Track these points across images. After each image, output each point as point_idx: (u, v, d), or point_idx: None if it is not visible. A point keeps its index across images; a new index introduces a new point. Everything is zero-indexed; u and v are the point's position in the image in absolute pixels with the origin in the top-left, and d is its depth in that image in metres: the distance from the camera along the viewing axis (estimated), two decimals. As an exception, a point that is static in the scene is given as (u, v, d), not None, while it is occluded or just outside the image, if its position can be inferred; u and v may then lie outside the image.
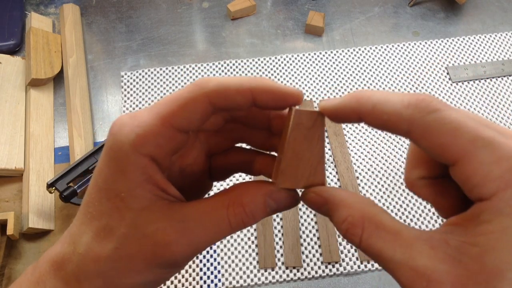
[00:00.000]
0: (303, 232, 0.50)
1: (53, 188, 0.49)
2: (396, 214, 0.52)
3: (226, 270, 0.48)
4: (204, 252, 0.49)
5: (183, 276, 0.48)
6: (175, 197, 0.20)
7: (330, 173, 0.54)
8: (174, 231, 0.19)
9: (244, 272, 0.48)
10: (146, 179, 0.19)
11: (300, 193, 0.22)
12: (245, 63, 0.62)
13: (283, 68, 0.62)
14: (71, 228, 0.21)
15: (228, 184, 0.52)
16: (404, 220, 0.51)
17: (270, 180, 0.22)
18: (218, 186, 0.52)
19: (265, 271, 0.48)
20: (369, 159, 0.55)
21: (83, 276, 0.19)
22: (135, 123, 0.19)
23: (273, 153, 0.24)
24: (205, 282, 0.47)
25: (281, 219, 0.51)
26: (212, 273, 0.48)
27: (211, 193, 0.33)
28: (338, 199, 0.19)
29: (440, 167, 0.20)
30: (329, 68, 0.62)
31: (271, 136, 0.24)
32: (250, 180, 0.19)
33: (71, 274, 0.19)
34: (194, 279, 0.48)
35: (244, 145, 0.25)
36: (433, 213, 0.51)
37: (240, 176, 0.52)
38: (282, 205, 0.21)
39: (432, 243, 0.16)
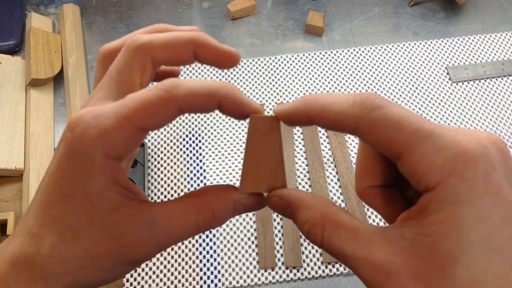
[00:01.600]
0: (303, 232, 0.50)
1: (53, 188, 0.49)
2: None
3: (226, 270, 0.48)
4: (204, 252, 0.49)
5: (183, 276, 0.48)
6: (139, 195, 0.21)
7: (330, 173, 0.54)
8: (142, 234, 0.19)
9: (244, 272, 0.48)
10: (113, 181, 0.19)
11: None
12: (245, 63, 0.62)
13: (283, 68, 0.62)
14: (29, 227, 0.20)
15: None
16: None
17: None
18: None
19: (265, 271, 0.48)
20: (369, 159, 0.55)
21: (50, 276, 0.19)
22: (102, 126, 0.18)
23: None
24: (205, 282, 0.47)
25: (281, 219, 0.51)
26: (212, 273, 0.48)
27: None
28: (299, 201, 0.20)
29: (388, 176, 0.21)
30: (329, 68, 0.62)
31: None
32: (218, 184, 0.20)
33: (36, 274, 0.19)
34: (194, 279, 0.48)
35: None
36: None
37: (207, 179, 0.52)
38: (249, 209, 0.22)
39: (387, 237, 0.17)
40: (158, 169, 0.54)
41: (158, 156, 0.55)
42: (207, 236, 0.50)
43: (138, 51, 0.21)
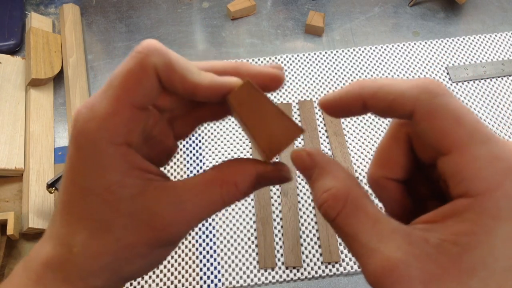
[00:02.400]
0: (303, 232, 0.50)
1: (53, 188, 0.49)
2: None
3: (226, 270, 0.48)
4: (204, 252, 0.49)
5: (183, 276, 0.48)
6: (159, 175, 0.20)
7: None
8: (170, 214, 0.19)
9: (244, 272, 0.48)
10: (130, 166, 0.19)
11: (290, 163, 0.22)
12: (245, 63, 0.62)
13: (283, 68, 0.62)
14: (57, 230, 0.20)
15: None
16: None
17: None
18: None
19: (265, 271, 0.48)
20: (369, 159, 0.55)
21: (88, 274, 0.19)
22: (98, 115, 0.18)
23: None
24: (205, 282, 0.47)
25: (281, 219, 0.51)
26: (212, 273, 0.48)
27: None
28: (329, 166, 0.19)
29: (408, 171, 0.20)
30: (329, 68, 0.62)
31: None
32: (239, 157, 0.20)
33: (73, 274, 0.19)
34: (194, 279, 0.48)
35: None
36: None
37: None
38: (273, 180, 0.21)
39: (410, 239, 0.16)
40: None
41: (158, 156, 0.55)
42: (207, 236, 0.50)
43: (138, 55, 0.20)
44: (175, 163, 0.55)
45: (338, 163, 0.19)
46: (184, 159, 0.55)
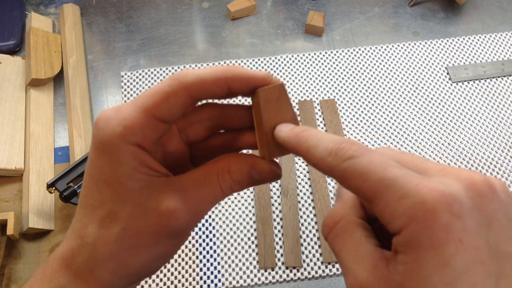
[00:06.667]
0: (303, 232, 0.50)
1: (53, 188, 0.49)
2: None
3: (226, 270, 0.48)
4: (204, 252, 0.49)
5: (183, 276, 0.48)
6: (167, 175, 0.22)
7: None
8: (175, 201, 0.21)
9: (244, 272, 0.48)
10: (140, 163, 0.21)
11: (280, 165, 0.24)
12: (245, 63, 0.62)
13: (283, 68, 0.62)
14: (73, 225, 0.22)
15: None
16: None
17: (256, 154, 0.24)
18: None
19: (265, 271, 0.48)
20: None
21: (95, 264, 0.20)
22: (121, 116, 0.20)
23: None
24: (205, 282, 0.47)
25: (281, 219, 0.51)
26: (212, 273, 0.48)
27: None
28: (340, 194, 0.22)
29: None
30: (329, 68, 0.62)
31: (247, 111, 0.25)
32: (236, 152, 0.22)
33: (82, 266, 0.21)
34: (194, 279, 0.48)
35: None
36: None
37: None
38: (265, 177, 0.23)
39: (377, 263, 0.18)
40: (158, 169, 0.54)
41: (158, 156, 0.55)
42: (207, 236, 0.50)
43: (174, 81, 0.22)
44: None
45: (349, 192, 0.21)
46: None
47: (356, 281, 0.18)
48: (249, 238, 0.50)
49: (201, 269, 0.48)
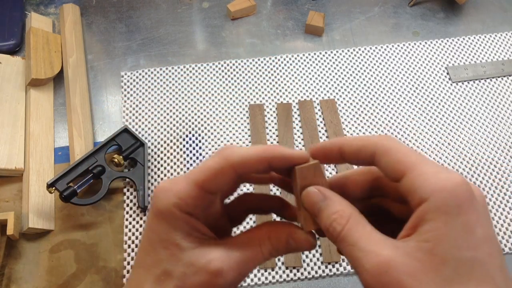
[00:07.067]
0: (303, 232, 0.50)
1: (53, 188, 0.49)
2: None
3: (226, 270, 0.48)
4: (204, 252, 0.49)
5: (183, 276, 0.48)
6: (214, 238, 0.25)
7: (330, 173, 0.54)
8: (221, 261, 0.23)
9: (244, 272, 0.48)
10: (191, 228, 0.24)
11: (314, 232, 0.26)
12: (245, 63, 0.62)
13: (283, 68, 0.62)
14: (130, 283, 0.25)
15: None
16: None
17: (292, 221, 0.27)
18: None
19: (265, 271, 0.48)
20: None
21: None
22: (176, 188, 0.23)
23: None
24: (205, 282, 0.47)
25: (281, 219, 0.51)
26: (212, 273, 0.48)
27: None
28: (334, 197, 0.24)
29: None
30: (329, 68, 0.62)
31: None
32: (277, 220, 0.25)
33: None
34: (194, 279, 0.48)
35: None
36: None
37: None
38: (301, 246, 0.25)
39: (396, 244, 0.20)
40: (158, 169, 0.54)
41: (158, 156, 0.55)
42: (207, 236, 0.50)
43: (222, 160, 0.24)
44: (175, 163, 0.55)
45: (339, 195, 0.24)
46: (184, 159, 0.55)
47: (380, 258, 0.20)
48: (249, 238, 0.50)
49: (201, 269, 0.48)
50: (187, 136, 0.57)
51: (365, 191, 0.27)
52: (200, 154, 0.55)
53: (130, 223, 0.51)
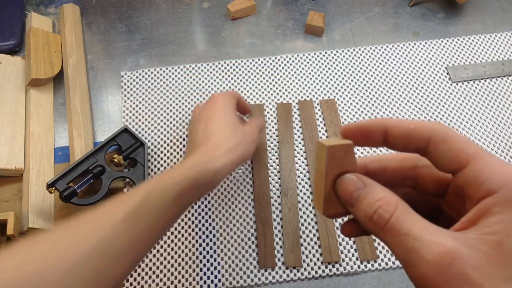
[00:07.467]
0: (303, 232, 0.50)
1: (53, 188, 0.49)
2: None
3: (226, 270, 0.48)
4: (204, 252, 0.49)
5: (183, 276, 0.48)
6: None
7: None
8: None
9: (244, 272, 0.48)
10: None
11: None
12: (245, 63, 0.62)
13: (283, 68, 0.62)
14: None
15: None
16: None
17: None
18: (218, 186, 0.51)
19: (265, 271, 0.48)
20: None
21: None
22: None
23: None
24: (205, 282, 0.47)
25: (281, 219, 0.51)
26: (212, 273, 0.48)
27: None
28: (374, 185, 0.22)
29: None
30: (329, 68, 0.62)
31: None
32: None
33: None
34: (194, 279, 0.48)
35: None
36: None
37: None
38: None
39: (454, 235, 0.19)
40: (158, 169, 0.54)
41: (158, 156, 0.55)
42: (207, 236, 0.50)
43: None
44: (175, 163, 0.55)
45: (378, 183, 0.22)
46: (184, 159, 0.55)
47: (445, 249, 0.18)
48: (249, 238, 0.50)
49: (201, 269, 0.48)
50: (187, 136, 0.57)
51: (400, 180, 0.25)
52: (200, 154, 0.55)
53: (130, 223, 0.51)
